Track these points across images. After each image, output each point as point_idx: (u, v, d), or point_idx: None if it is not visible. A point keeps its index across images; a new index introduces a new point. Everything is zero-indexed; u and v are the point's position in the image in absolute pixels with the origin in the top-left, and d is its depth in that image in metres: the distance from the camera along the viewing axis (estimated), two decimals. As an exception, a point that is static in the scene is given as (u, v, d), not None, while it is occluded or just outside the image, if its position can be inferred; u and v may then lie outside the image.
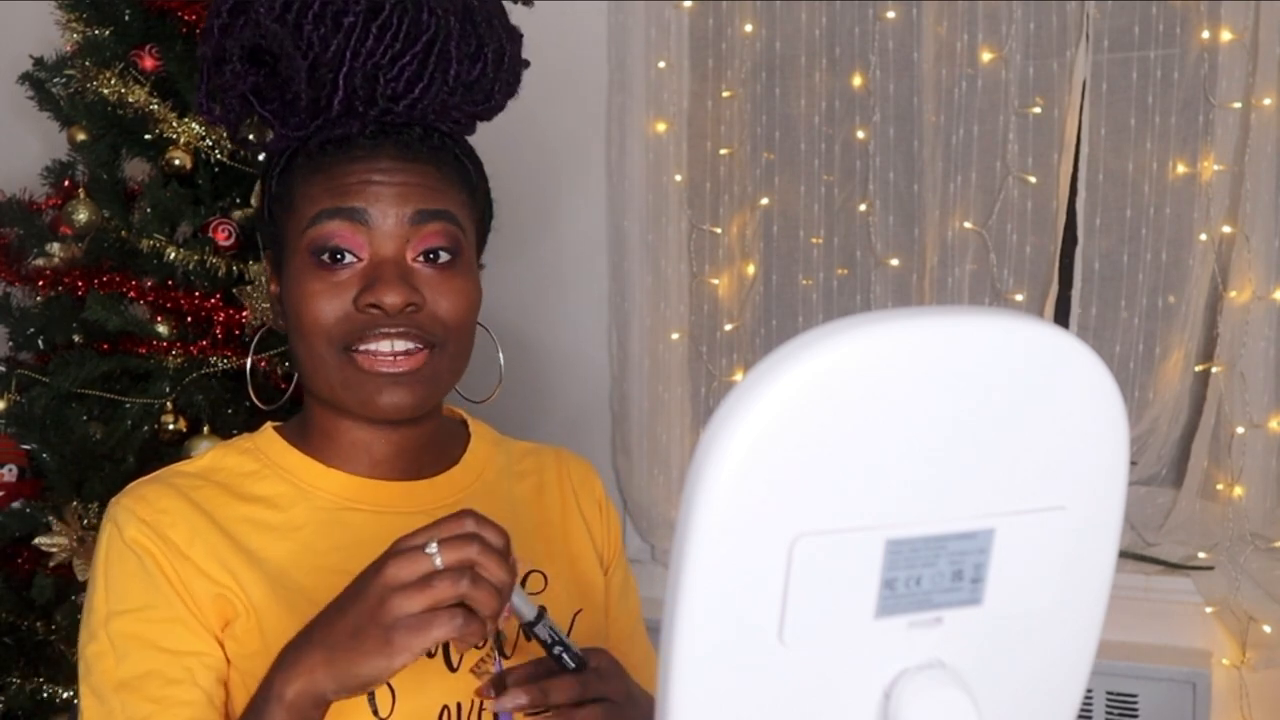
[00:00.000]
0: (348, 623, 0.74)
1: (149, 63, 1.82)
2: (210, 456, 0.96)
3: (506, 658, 0.90)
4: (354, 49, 0.86)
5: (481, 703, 0.88)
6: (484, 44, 0.92)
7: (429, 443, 0.98)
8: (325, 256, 0.88)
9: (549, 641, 0.83)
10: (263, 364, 1.76)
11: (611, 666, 0.88)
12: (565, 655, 0.83)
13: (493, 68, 0.93)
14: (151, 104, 1.78)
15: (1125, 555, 1.96)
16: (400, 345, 0.88)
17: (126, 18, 1.86)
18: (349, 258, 0.88)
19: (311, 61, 0.88)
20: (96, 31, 1.85)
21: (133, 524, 0.88)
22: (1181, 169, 1.95)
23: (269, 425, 0.99)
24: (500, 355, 0.97)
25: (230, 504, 0.92)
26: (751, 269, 2.23)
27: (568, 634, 0.85)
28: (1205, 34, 1.91)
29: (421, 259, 0.90)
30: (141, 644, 0.85)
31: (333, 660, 0.74)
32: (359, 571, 0.91)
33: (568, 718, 0.84)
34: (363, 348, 0.88)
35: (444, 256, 0.90)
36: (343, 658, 0.73)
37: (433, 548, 0.73)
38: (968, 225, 2.07)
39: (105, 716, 0.85)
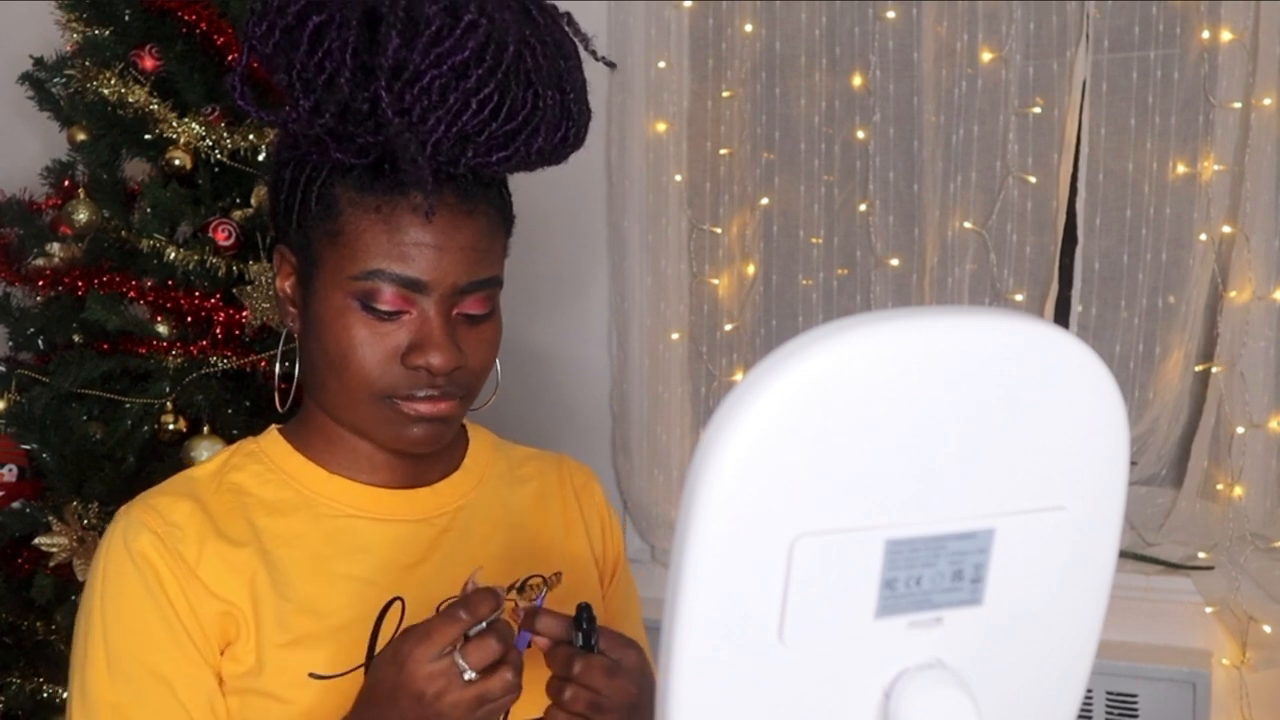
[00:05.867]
0: None
1: (149, 63, 1.82)
2: (218, 460, 0.96)
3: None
4: (450, 120, 0.83)
5: None
6: (571, 120, 0.90)
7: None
8: (377, 307, 0.87)
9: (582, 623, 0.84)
10: (263, 364, 1.76)
11: (632, 666, 0.85)
12: (584, 636, 0.84)
13: (572, 145, 0.92)
14: (151, 104, 1.78)
15: (1125, 555, 1.96)
16: (440, 404, 0.90)
17: (126, 18, 1.85)
18: (400, 315, 0.88)
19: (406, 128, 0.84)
20: (96, 31, 1.84)
21: (144, 536, 0.88)
22: (1181, 169, 1.95)
23: (274, 428, 0.99)
24: (497, 365, 0.96)
25: (238, 508, 0.92)
26: (751, 269, 2.23)
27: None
28: (1205, 34, 1.91)
29: (462, 316, 0.90)
30: (140, 667, 0.85)
31: None
32: (359, 574, 0.91)
33: (555, 690, 0.83)
34: (405, 402, 0.89)
35: (481, 314, 0.91)
36: None
37: (470, 673, 0.77)
38: (968, 225, 2.07)
39: None
